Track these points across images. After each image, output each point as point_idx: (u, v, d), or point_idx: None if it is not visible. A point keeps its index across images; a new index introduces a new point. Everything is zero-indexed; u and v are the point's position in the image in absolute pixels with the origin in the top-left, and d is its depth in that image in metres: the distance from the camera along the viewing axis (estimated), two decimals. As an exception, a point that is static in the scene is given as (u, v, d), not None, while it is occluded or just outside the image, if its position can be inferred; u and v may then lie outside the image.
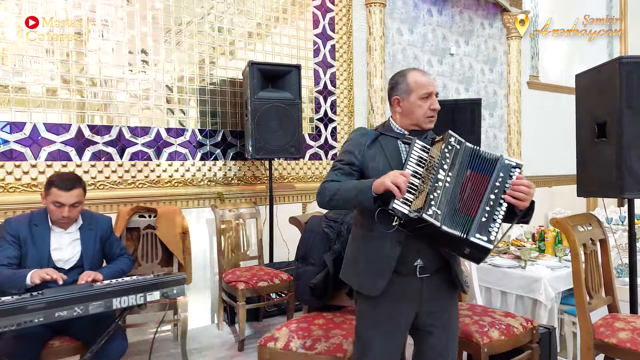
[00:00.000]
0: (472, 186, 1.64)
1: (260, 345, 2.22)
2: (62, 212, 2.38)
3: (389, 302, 1.77)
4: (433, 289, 1.78)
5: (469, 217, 1.61)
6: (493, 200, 1.62)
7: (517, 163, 1.67)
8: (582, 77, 2.71)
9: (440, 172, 1.61)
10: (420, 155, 1.66)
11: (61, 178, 2.42)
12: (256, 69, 3.81)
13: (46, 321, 1.90)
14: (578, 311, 2.14)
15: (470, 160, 1.67)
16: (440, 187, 1.60)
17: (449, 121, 3.57)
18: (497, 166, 1.66)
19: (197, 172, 4.03)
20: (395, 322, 1.78)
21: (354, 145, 1.84)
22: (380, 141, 1.82)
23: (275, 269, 3.71)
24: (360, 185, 1.70)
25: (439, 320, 1.80)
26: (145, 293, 2.12)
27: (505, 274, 3.47)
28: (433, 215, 1.55)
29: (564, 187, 6.77)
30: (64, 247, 2.46)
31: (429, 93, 1.81)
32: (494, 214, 1.61)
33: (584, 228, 2.26)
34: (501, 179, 1.64)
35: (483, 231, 1.58)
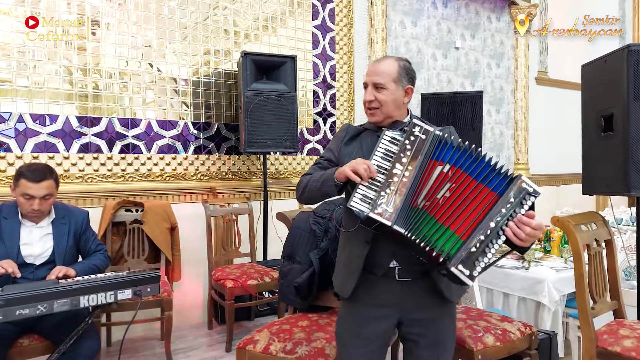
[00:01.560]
0: (461, 192, 1.42)
1: (239, 347, 2.09)
2: (32, 205, 2.25)
3: (367, 306, 1.63)
4: (417, 295, 1.60)
5: (450, 232, 1.40)
6: (491, 230, 1.37)
7: (535, 189, 1.40)
8: (588, 67, 2.55)
9: (397, 165, 1.44)
10: (388, 148, 1.48)
11: (30, 169, 2.28)
12: (250, 60, 3.68)
13: (6, 319, 1.78)
14: (580, 317, 1.98)
15: (442, 153, 1.45)
16: (396, 182, 1.43)
17: (448, 116, 3.41)
18: (511, 186, 1.40)
19: (189, 166, 3.92)
20: (373, 327, 1.63)
21: (334, 141, 1.77)
22: (362, 137, 1.71)
23: (268, 267, 3.58)
24: (325, 174, 1.60)
25: (428, 331, 1.62)
26: (116, 291, 2.00)
27: (508, 275, 3.33)
28: (383, 214, 1.40)
29: (572, 186, 6.56)
30: (34, 242, 2.32)
31: (365, 83, 1.67)
32: (487, 245, 1.37)
33: (588, 227, 2.10)
34: (510, 205, 1.38)
35: (468, 263, 1.36)
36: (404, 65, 1.66)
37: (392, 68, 1.63)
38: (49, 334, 2.24)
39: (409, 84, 1.66)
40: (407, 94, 1.67)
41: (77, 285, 1.92)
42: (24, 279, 2.23)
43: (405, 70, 1.65)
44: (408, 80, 1.66)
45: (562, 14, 6.41)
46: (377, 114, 1.64)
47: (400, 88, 1.64)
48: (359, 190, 1.44)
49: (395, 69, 1.63)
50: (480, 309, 2.46)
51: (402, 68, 1.65)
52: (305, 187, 1.67)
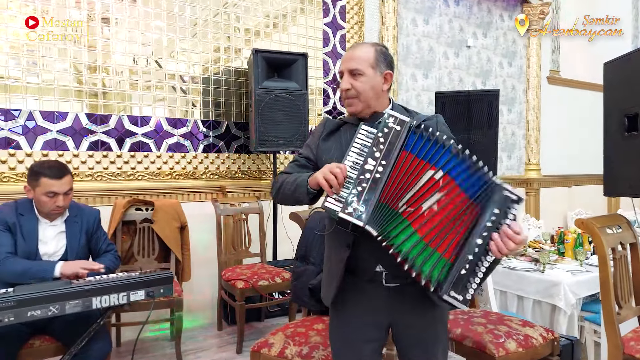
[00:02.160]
0: (445, 205, 1.31)
1: (253, 350, 2.04)
2: (57, 202, 2.22)
3: (356, 312, 1.55)
4: (406, 301, 1.51)
5: (438, 255, 1.30)
6: (479, 247, 1.27)
7: (519, 197, 1.30)
8: (611, 65, 2.47)
9: (369, 160, 1.34)
10: (364, 143, 1.37)
11: (46, 166, 2.25)
12: (261, 57, 3.63)
13: (17, 321, 1.75)
14: (606, 323, 1.92)
15: (418, 145, 1.34)
16: (367, 179, 1.32)
17: (464, 115, 3.35)
18: (493, 197, 1.29)
19: (199, 164, 3.88)
20: (362, 332, 1.55)
21: (312, 137, 1.66)
22: (341, 131, 1.59)
23: (278, 267, 3.54)
24: (299, 178, 1.49)
25: (419, 336, 1.54)
26: (129, 292, 1.96)
27: (522, 277, 3.29)
28: (353, 213, 1.30)
29: (584, 187, 6.48)
30: (49, 240, 2.30)
31: (340, 72, 1.56)
32: (476, 265, 1.27)
33: (613, 230, 2.04)
34: (495, 217, 1.27)
35: (459, 287, 1.27)
36: (380, 50, 1.55)
37: (369, 53, 1.52)
38: (60, 335, 2.21)
39: (388, 69, 1.54)
40: (386, 80, 1.54)
41: (90, 286, 1.89)
42: None
43: (382, 54, 1.54)
44: (386, 65, 1.54)
45: (575, 13, 6.32)
46: (355, 103, 1.52)
47: (379, 74, 1.52)
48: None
49: (372, 54, 1.52)
50: (500, 313, 2.40)
51: (379, 53, 1.54)
52: (280, 188, 1.56)
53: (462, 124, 3.36)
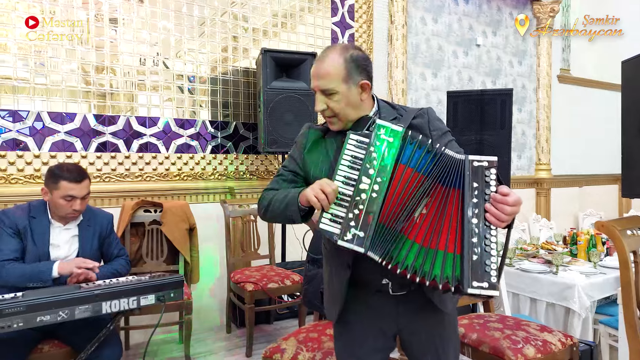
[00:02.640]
0: (431, 204, 1.26)
1: (265, 356, 2.00)
2: (74, 206, 2.21)
3: (362, 323, 1.50)
4: (413, 308, 1.47)
5: (442, 253, 1.24)
6: (477, 226, 1.22)
7: (489, 160, 1.25)
8: (629, 63, 2.42)
9: (363, 179, 1.25)
10: (354, 154, 1.28)
11: (67, 170, 2.23)
12: (269, 57, 3.59)
13: (27, 326, 1.72)
14: (627, 328, 1.87)
15: (411, 156, 1.27)
16: (364, 200, 1.24)
17: (477, 115, 3.30)
18: (465, 173, 1.25)
19: (207, 165, 3.85)
20: (370, 344, 1.50)
21: (295, 148, 1.53)
22: (327, 141, 1.47)
23: (287, 270, 3.50)
24: (290, 195, 1.40)
25: (429, 342, 1.49)
26: (139, 297, 1.93)
27: (535, 279, 3.24)
28: (353, 240, 1.23)
29: (595, 187, 6.41)
30: (61, 244, 2.28)
31: (312, 89, 1.44)
32: (485, 244, 1.21)
33: (634, 233, 1.99)
34: (477, 191, 1.23)
35: (479, 275, 1.20)
36: (351, 58, 1.38)
37: (338, 67, 1.37)
38: (70, 340, 2.18)
39: (363, 77, 1.40)
40: (363, 89, 1.41)
41: (99, 291, 1.86)
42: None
43: (354, 62, 1.38)
44: (360, 73, 1.40)
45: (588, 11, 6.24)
46: (335, 122, 1.42)
47: (354, 86, 1.38)
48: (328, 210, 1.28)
49: (341, 66, 1.36)
50: (517, 318, 2.35)
51: (350, 61, 1.38)
52: (268, 206, 1.46)
53: (474, 124, 3.31)
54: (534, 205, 5.97)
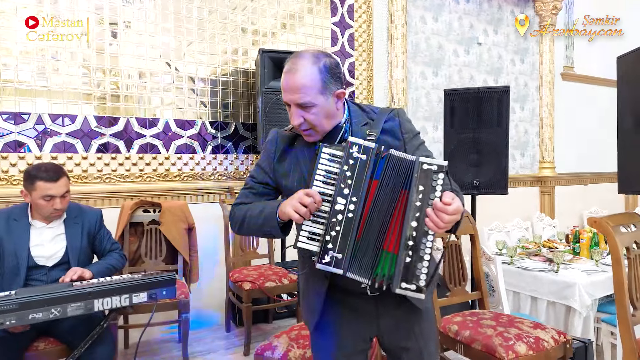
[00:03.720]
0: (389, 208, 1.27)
1: (257, 354, 2.01)
2: (55, 205, 2.21)
3: (340, 324, 1.48)
4: (391, 306, 1.46)
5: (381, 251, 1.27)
6: (416, 229, 1.24)
7: (439, 165, 1.24)
8: (624, 59, 2.40)
9: (338, 199, 1.25)
10: (328, 169, 1.27)
11: (42, 169, 2.23)
12: (267, 58, 3.60)
13: (19, 323, 1.75)
14: (620, 325, 1.86)
15: (383, 171, 1.27)
16: (340, 221, 1.24)
17: (473, 113, 3.29)
18: (413, 175, 1.25)
19: (207, 165, 3.87)
20: (349, 344, 1.49)
21: (264, 158, 1.49)
22: (297, 149, 1.44)
23: (286, 269, 3.51)
24: (266, 210, 1.37)
25: (409, 339, 1.49)
26: (131, 294, 1.94)
27: (536, 278, 3.23)
28: (332, 262, 1.24)
29: (600, 185, 6.35)
30: (45, 243, 2.28)
31: (285, 102, 1.39)
32: (419, 248, 1.24)
33: (627, 229, 1.97)
34: (422, 194, 1.24)
35: (409, 277, 1.24)
36: (324, 67, 1.34)
37: (314, 78, 1.32)
38: (65, 338, 2.20)
39: (338, 86, 1.37)
40: (339, 98, 1.39)
41: (92, 289, 1.87)
42: (38, 281, 2.20)
43: (328, 72, 1.35)
44: (335, 82, 1.36)
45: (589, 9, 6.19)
46: (313, 134, 1.38)
47: (330, 96, 1.35)
48: (305, 227, 1.27)
49: (317, 77, 1.32)
50: (511, 315, 2.34)
51: (325, 71, 1.34)
52: (243, 221, 1.44)
53: (471, 122, 3.29)
54: (537, 204, 5.93)
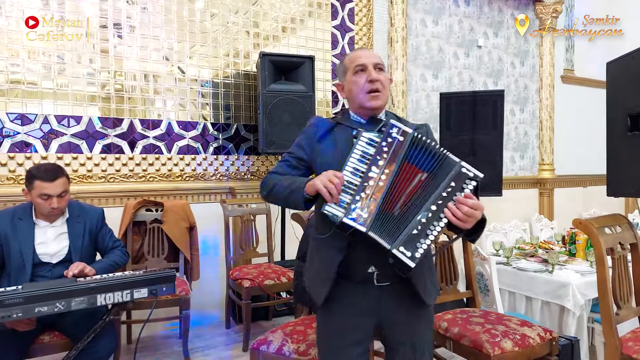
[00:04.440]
0: (417, 187, 1.41)
1: (253, 348, 2.09)
2: (51, 204, 2.27)
3: (345, 313, 1.57)
4: (394, 299, 1.55)
5: (404, 223, 1.40)
6: (432, 212, 1.39)
7: (476, 174, 1.40)
8: (614, 64, 2.45)
9: (372, 168, 1.40)
10: (365, 150, 1.43)
11: (41, 169, 2.31)
12: (268, 61, 3.68)
13: (25, 316, 1.83)
14: (603, 323, 1.92)
15: (417, 156, 1.42)
16: (371, 186, 1.38)
17: (468, 115, 3.35)
18: (451, 172, 1.40)
19: (209, 166, 3.94)
20: (350, 335, 1.57)
21: (305, 137, 1.64)
22: (335, 132, 1.60)
23: (285, 267, 3.58)
24: (295, 184, 1.51)
25: (406, 334, 1.57)
26: (132, 290, 2.02)
27: (531, 278, 3.27)
28: (358, 219, 1.36)
29: (599, 188, 6.36)
30: (49, 241, 2.35)
31: (362, 65, 1.56)
32: (428, 227, 1.38)
33: (612, 230, 2.03)
34: (451, 189, 1.39)
35: (409, 245, 1.37)
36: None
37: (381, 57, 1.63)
38: (69, 331, 2.28)
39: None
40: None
41: (95, 284, 1.95)
42: (43, 277, 2.28)
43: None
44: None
45: (591, 11, 6.23)
46: (382, 97, 1.56)
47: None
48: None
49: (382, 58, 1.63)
50: (500, 313, 2.40)
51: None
52: (271, 189, 1.58)
53: (467, 125, 3.36)
54: (537, 206, 5.97)
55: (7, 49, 3.22)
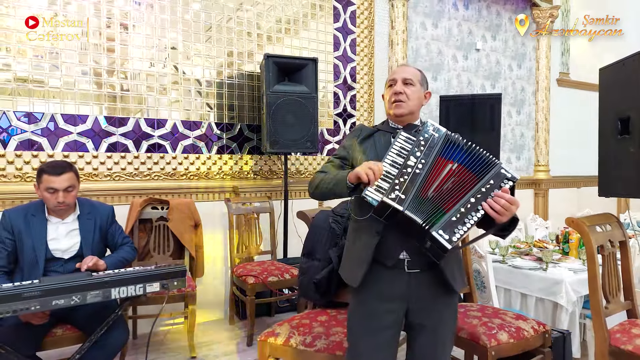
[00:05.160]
0: (456, 180, 1.57)
1: (261, 340, 2.18)
2: (57, 198, 2.34)
3: (376, 298, 1.71)
4: (424, 286, 1.69)
5: (441, 210, 1.56)
6: (471, 204, 1.54)
7: (513, 176, 1.55)
8: (606, 70, 2.57)
9: (411, 158, 1.57)
10: (402, 146, 1.61)
11: (50, 165, 2.40)
12: (272, 62, 3.77)
13: (43, 309, 1.90)
14: (593, 316, 2.02)
15: (451, 150, 1.58)
16: (409, 172, 1.56)
17: (467, 118, 3.45)
18: (490, 172, 1.56)
19: (212, 165, 4.03)
20: (381, 319, 1.71)
21: (348, 140, 1.87)
22: (375, 137, 1.82)
23: (288, 264, 3.67)
24: (339, 175, 1.68)
25: (430, 320, 1.71)
26: (145, 284, 2.10)
27: (526, 275, 3.36)
28: (396, 199, 1.52)
29: (593, 189, 6.47)
30: (61, 237, 2.43)
31: (393, 80, 1.80)
32: (466, 216, 1.54)
33: (602, 229, 2.13)
34: (489, 185, 1.54)
35: (447, 230, 1.52)
36: (423, 74, 1.87)
37: (417, 72, 1.83)
38: (81, 325, 2.37)
39: (427, 89, 1.87)
40: (425, 97, 1.85)
41: (109, 278, 2.04)
42: (55, 272, 2.36)
43: (425, 78, 1.86)
44: (427, 87, 1.86)
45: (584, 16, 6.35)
46: (403, 106, 1.76)
47: (422, 90, 1.83)
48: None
49: (419, 74, 1.83)
50: (496, 308, 2.50)
51: (423, 76, 1.86)
52: (318, 184, 1.76)
53: (465, 127, 3.47)
54: (532, 206, 6.09)
55: (14, 48, 3.28)
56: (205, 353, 3.21)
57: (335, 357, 2.01)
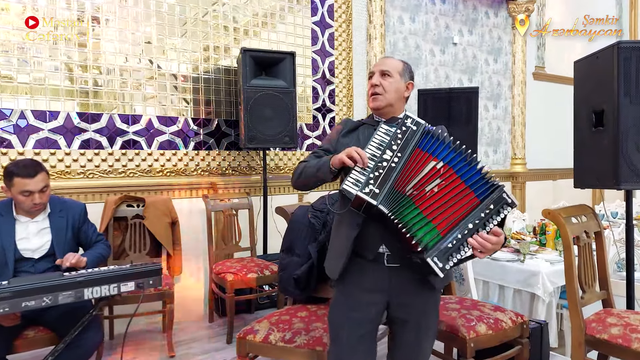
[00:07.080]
0: (444, 186, 1.51)
1: (239, 337, 2.15)
2: (33, 200, 2.28)
3: (358, 290, 1.72)
4: (404, 281, 1.69)
5: (432, 226, 1.50)
6: (469, 230, 1.49)
7: (513, 201, 1.51)
8: (581, 64, 2.60)
9: (387, 151, 1.56)
10: (382, 139, 1.59)
11: (20, 165, 2.30)
12: (249, 56, 3.72)
13: (12, 311, 1.84)
14: (570, 305, 2.05)
15: (430, 144, 1.55)
16: (384, 167, 1.53)
17: (444, 111, 3.47)
18: (492, 195, 1.50)
19: (190, 161, 3.96)
20: (363, 311, 1.71)
21: (332, 133, 1.87)
22: (359, 130, 1.82)
23: (268, 261, 3.64)
24: (321, 161, 1.69)
25: (412, 316, 1.71)
26: (119, 283, 2.05)
27: (503, 267, 3.39)
28: (370, 193, 1.50)
29: (569, 181, 6.59)
30: (30, 236, 2.36)
31: (372, 72, 1.81)
32: (462, 244, 1.49)
33: (578, 220, 2.16)
34: (489, 211, 1.49)
35: (442, 258, 1.47)
36: (407, 66, 1.84)
37: (398, 64, 1.82)
38: (54, 326, 2.30)
39: (410, 80, 1.84)
40: (407, 88, 1.82)
41: (82, 278, 1.98)
42: (26, 272, 2.29)
43: (408, 68, 1.84)
44: (409, 77, 1.83)
45: (560, 11, 6.45)
46: (380, 99, 1.75)
47: (403, 81, 1.79)
48: (352, 175, 1.53)
49: (400, 65, 1.81)
50: (474, 300, 2.52)
51: (406, 66, 1.83)
52: (301, 173, 1.75)
53: (443, 120, 3.48)
54: (511, 200, 6.15)
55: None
56: (184, 352, 3.16)
57: (315, 353, 2.00)
